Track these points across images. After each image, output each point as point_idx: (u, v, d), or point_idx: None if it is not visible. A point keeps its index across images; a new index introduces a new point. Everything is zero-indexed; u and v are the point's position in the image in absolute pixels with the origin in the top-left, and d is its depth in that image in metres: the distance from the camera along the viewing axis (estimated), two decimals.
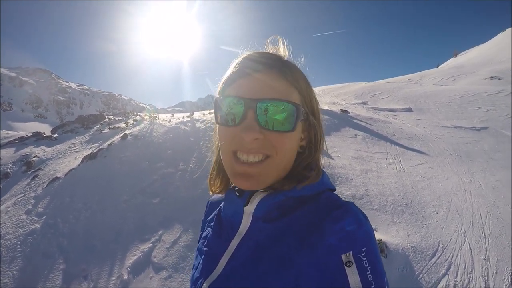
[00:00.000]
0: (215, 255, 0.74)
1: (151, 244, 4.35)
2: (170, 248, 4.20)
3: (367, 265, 0.56)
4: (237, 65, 0.70)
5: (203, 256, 0.79)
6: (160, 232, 4.58)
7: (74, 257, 4.41)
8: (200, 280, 0.74)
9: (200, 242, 0.87)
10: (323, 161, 0.80)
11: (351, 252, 0.57)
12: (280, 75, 0.67)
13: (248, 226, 0.71)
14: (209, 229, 0.85)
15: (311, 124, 0.73)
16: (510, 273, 3.57)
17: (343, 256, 0.56)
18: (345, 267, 0.56)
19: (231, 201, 0.77)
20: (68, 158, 8.72)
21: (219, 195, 0.89)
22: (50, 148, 9.75)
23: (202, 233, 0.91)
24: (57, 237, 4.89)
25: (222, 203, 0.83)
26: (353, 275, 0.55)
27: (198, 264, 0.79)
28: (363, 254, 0.57)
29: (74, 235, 4.87)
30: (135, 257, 4.16)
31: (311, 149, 0.74)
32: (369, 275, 0.56)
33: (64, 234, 4.94)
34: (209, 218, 0.91)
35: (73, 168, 7.27)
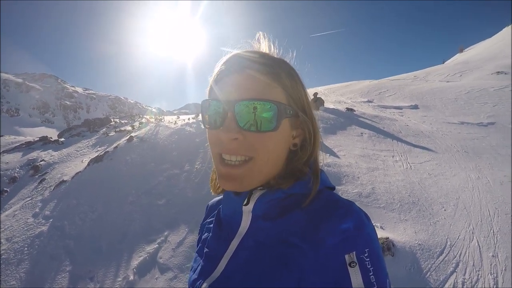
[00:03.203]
0: (215, 256, 0.73)
1: (157, 245, 4.37)
2: (176, 249, 4.21)
3: (369, 266, 0.56)
4: (220, 67, 0.70)
5: (202, 258, 0.77)
6: (166, 233, 4.59)
7: (80, 259, 4.45)
8: (199, 282, 0.72)
9: (199, 245, 0.86)
10: (322, 158, 0.77)
11: (354, 252, 0.56)
12: (259, 73, 0.65)
13: (248, 226, 0.70)
14: (208, 232, 0.84)
15: (301, 121, 0.70)
16: None
17: (346, 257, 0.56)
18: (349, 267, 0.55)
19: (229, 201, 0.76)
20: (75, 161, 8.82)
21: (219, 197, 0.89)
22: (56, 152, 9.88)
23: (200, 236, 0.89)
24: (63, 239, 4.94)
25: (221, 205, 0.82)
26: (355, 276, 0.55)
27: (197, 266, 0.77)
28: (366, 255, 0.56)
29: (80, 237, 4.92)
30: (141, 258, 4.18)
31: (305, 146, 0.72)
32: (371, 276, 0.55)
33: (71, 236, 4.99)
34: (207, 220, 0.90)
35: (80, 171, 7.35)
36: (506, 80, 15.84)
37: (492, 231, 4.20)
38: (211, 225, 0.83)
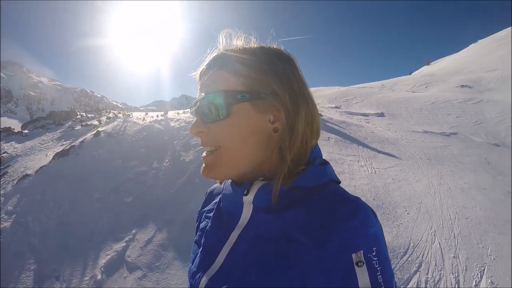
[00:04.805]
0: (214, 247, 0.71)
1: (124, 243, 4.25)
2: (144, 247, 4.11)
3: (377, 266, 0.54)
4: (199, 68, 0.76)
5: (200, 249, 0.75)
6: (134, 231, 4.48)
7: (45, 257, 4.24)
8: (199, 274, 0.70)
9: (197, 234, 0.83)
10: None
11: (362, 251, 0.54)
12: (220, 71, 0.68)
13: (249, 218, 0.68)
14: (207, 220, 0.81)
15: (274, 103, 0.65)
16: (480, 270, 3.73)
17: (353, 255, 0.54)
18: (356, 267, 0.53)
19: (229, 191, 0.74)
20: (39, 155, 8.38)
21: (219, 185, 0.86)
22: (20, 145, 9.35)
23: (198, 225, 0.86)
24: (28, 236, 4.70)
25: (222, 194, 0.80)
26: (363, 276, 0.53)
27: (195, 257, 0.75)
28: (373, 254, 0.54)
29: (45, 234, 4.69)
30: (109, 257, 4.05)
31: (284, 131, 0.66)
32: (379, 276, 0.54)
33: (35, 233, 4.75)
34: (206, 208, 0.87)
35: (44, 165, 6.99)
36: (469, 94, 16.78)
37: (453, 233, 4.44)
38: (210, 214, 0.81)
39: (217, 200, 0.83)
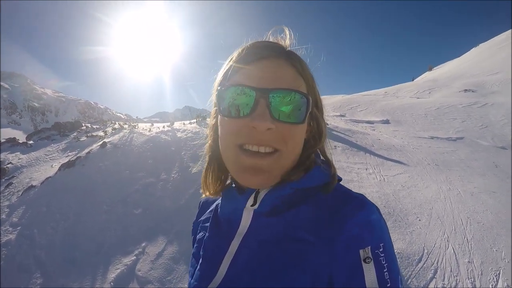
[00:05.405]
0: (215, 258, 0.68)
1: (134, 257, 4.21)
2: (155, 261, 4.07)
3: (384, 262, 0.54)
4: (241, 53, 0.65)
5: (200, 261, 0.72)
6: (144, 244, 4.44)
7: (52, 271, 4.20)
8: None
9: (194, 246, 0.80)
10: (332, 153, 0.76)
11: (369, 247, 0.54)
12: (289, 64, 0.64)
13: (249, 224, 0.66)
14: (203, 231, 0.78)
15: (313, 116, 0.69)
16: (495, 274, 3.69)
17: (361, 252, 0.54)
18: (363, 263, 0.53)
19: (231, 199, 0.71)
20: (44, 166, 8.42)
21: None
22: (25, 155, 9.41)
23: (195, 237, 0.83)
24: (33, 249, 4.66)
25: (219, 201, 0.77)
26: (369, 273, 0.53)
27: (195, 270, 0.72)
28: (381, 250, 0.54)
29: (52, 247, 4.66)
30: (118, 271, 4.01)
31: (315, 138, 0.70)
32: (385, 273, 0.53)
33: (41, 245, 4.72)
34: (202, 219, 0.84)
35: (50, 176, 7.00)
36: (473, 98, 16.74)
37: (466, 238, 4.39)
38: (206, 224, 0.78)
39: (212, 208, 0.81)
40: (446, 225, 4.75)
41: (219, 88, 0.64)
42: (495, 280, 3.60)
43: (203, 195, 0.81)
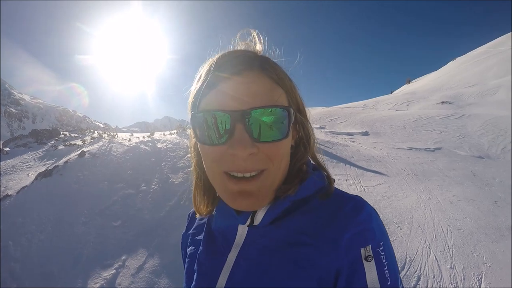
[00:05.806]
0: (211, 273, 0.65)
1: (114, 271, 4.07)
2: (136, 275, 3.95)
3: (384, 260, 0.54)
4: (208, 71, 0.59)
5: (195, 277, 0.68)
6: (124, 257, 4.31)
7: (28, 285, 4.02)
8: None
9: (186, 261, 0.76)
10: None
11: (370, 245, 0.54)
12: (264, 75, 0.58)
13: (246, 235, 0.65)
14: (194, 245, 0.75)
15: (298, 122, 0.65)
16: (477, 278, 3.78)
17: (362, 250, 0.54)
18: (364, 261, 0.53)
19: (225, 215, 0.68)
20: (20, 174, 8.11)
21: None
22: (0, 163, 9.01)
23: (185, 251, 0.79)
24: (8, 261, 4.46)
25: (213, 214, 0.74)
26: (370, 271, 0.53)
27: (191, 287, 0.68)
28: (381, 248, 0.55)
29: (27, 260, 4.46)
30: (98, 285, 3.87)
31: (305, 145, 0.67)
32: (386, 271, 0.53)
33: (17, 258, 4.52)
34: (191, 232, 0.80)
35: (26, 186, 6.74)
36: (451, 109, 17.36)
37: (447, 245, 4.48)
38: (198, 237, 0.75)
39: (203, 221, 0.78)
40: (427, 233, 4.84)
41: (192, 112, 0.60)
42: (477, 284, 3.69)
43: (197, 215, 0.78)
